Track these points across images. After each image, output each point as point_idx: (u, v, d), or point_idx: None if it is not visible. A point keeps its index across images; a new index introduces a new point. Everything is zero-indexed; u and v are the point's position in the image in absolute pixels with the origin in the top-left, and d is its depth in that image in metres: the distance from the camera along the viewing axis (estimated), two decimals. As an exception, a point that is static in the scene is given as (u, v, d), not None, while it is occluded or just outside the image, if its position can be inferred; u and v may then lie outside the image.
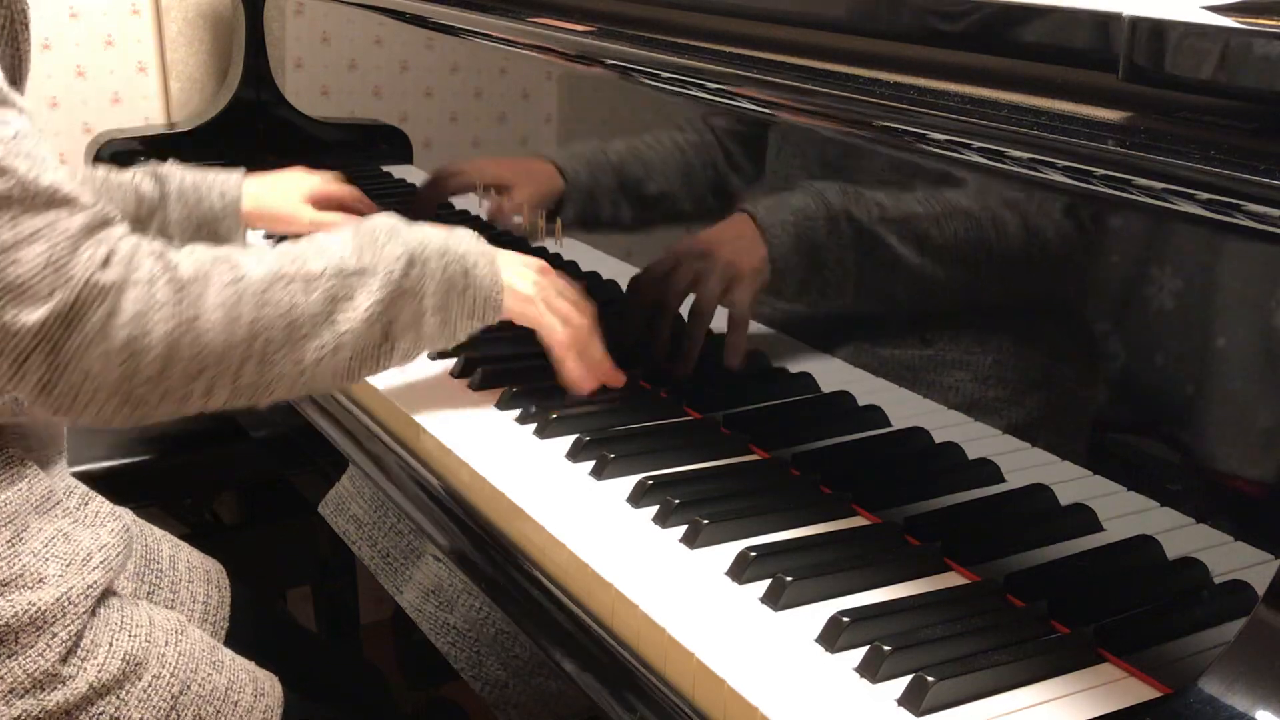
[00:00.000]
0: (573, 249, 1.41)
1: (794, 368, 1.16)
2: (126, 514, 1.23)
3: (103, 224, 0.96)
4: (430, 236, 1.13)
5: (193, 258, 0.99)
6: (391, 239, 1.10)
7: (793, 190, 1.11)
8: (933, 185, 0.99)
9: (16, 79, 0.99)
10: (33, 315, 0.91)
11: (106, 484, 1.23)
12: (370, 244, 1.09)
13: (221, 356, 0.98)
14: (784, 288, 1.14)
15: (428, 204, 1.63)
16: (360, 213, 1.54)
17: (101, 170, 1.46)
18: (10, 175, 0.92)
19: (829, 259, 1.09)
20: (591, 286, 1.38)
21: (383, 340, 1.08)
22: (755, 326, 1.19)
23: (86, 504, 1.14)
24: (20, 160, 0.93)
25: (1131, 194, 0.83)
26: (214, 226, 1.50)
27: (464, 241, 1.15)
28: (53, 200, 0.94)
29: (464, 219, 1.62)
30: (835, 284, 1.10)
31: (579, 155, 1.38)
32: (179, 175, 1.48)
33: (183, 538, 1.38)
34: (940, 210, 0.99)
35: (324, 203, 1.56)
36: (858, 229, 1.06)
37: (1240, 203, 0.76)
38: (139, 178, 1.47)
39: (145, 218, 1.48)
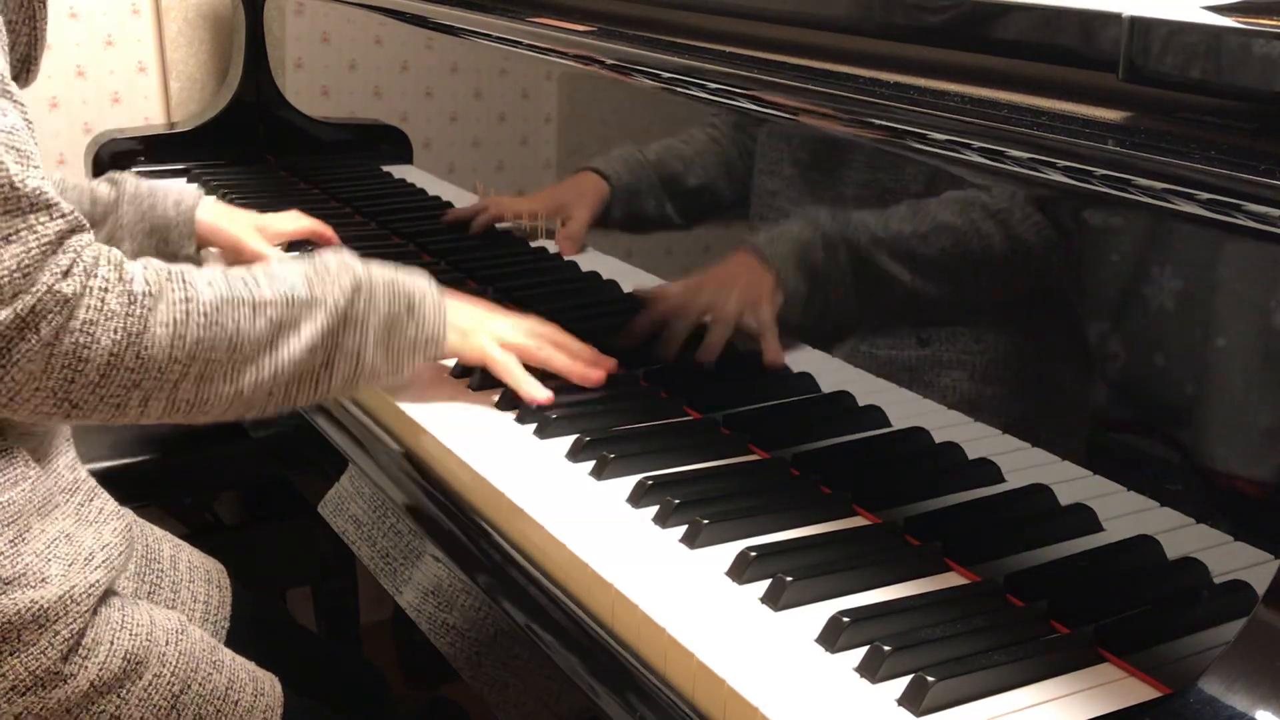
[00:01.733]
0: (573, 250, 1.41)
1: (794, 368, 1.16)
2: (129, 514, 1.23)
3: (74, 231, 0.96)
4: (380, 272, 1.15)
5: (147, 272, 1.00)
6: (342, 271, 1.12)
7: (790, 218, 1.11)
8: (933, 186, 0.99)
9: (32, 56, 1.00)
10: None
11: (107, 484, 1.23)
12: (322, 275, 1.10)
13: (162, 372, 0.99)
14: (792, 310, 1.14)
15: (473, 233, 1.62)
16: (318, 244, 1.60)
17: (59, 174, 1.48)
18: (0, 170, 0.92)
19: (832, 273, 1.09)
20: (592, 287, 1.38)
21: (322, 368, 1.09)
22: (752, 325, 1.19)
23: (91, 500, 1.15)
24: (9, 156, 0.93)
25: (1131, 194, 0.83)
26: (165, 233, 1.53)
27: (414, 281, 1.17)
28: (35, 204, 0.94)
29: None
30: (839, 293, 1.10)
31: (616, 158, 1.37)
32: (135, 181, 1.51)
33: (183, 538, 1.38)
34: (941, 211, 0.99)
35: (276, 239, 1.61)
36: (857, 235, 1.06)
37: (1240, 203, 0.76)
38: (96, 183, 1.50)
39: (99, 219, 1.50)
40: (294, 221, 1.65)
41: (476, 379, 1.27)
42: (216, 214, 1.56)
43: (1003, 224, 0.94)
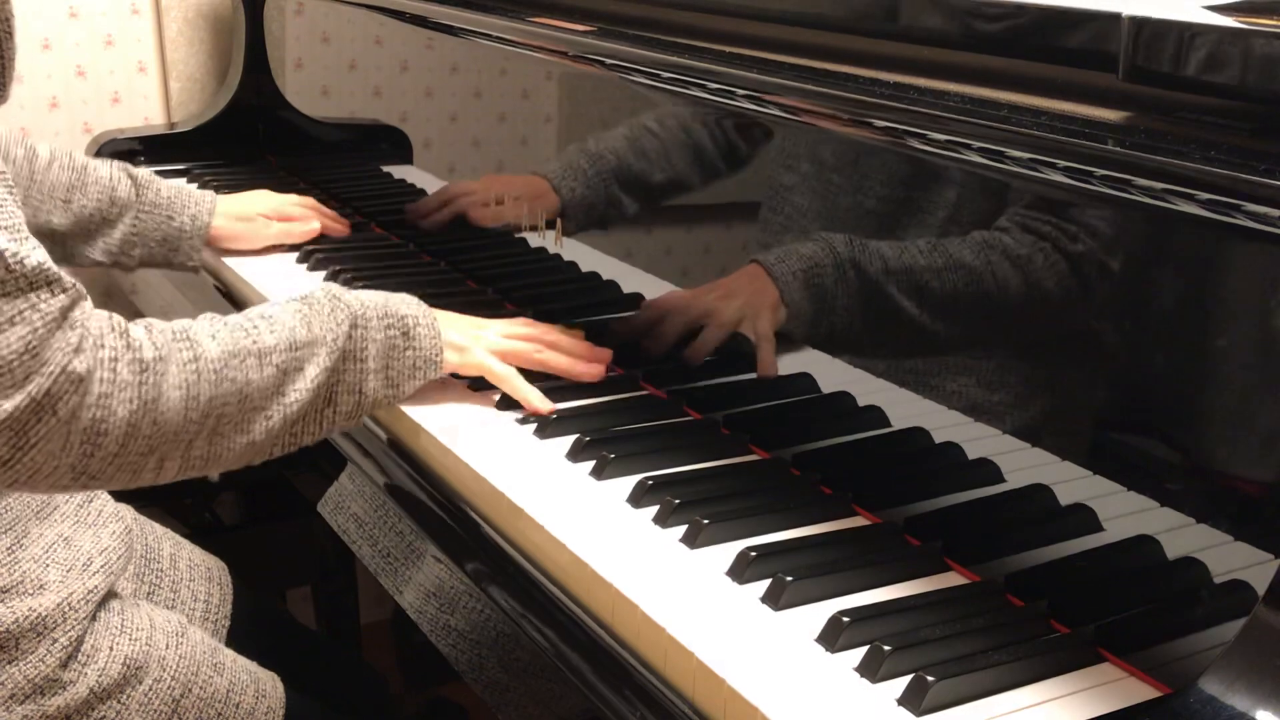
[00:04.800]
0: (573, 250, 1.41)
1: (794, 368, 1.16)
2: (128, 513, 1.23)
3: (76, 303, 0.92)
4: (371, 301, 1.15)
5: (152, 337, 0.98)
6: (335, 307, 1.11)
7: (797, 225, 1.12)
8: (933, 187, 0.99)
9: (1, 83, 0.97)
10: (5, 402, 0.87)
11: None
12: (318, 312, 1.10)
13: (177, 434, 0.98)
14: (798, 328, 1.15)
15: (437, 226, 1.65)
16: (325, 224, 1.66)
17: (82, 158, 1.48)
18: None
19: (838, 283, 1.09)
20: (592, 287, 1.38)
21: (326, 405, 1.09)
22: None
23: (90, 501, 1.14)
24: (3, 236, 0.87)
25: (1131, 194, 0.83)
26: (176, 244, 1.57)
27: (405, 305, 1.17)
28: (35, 281, 0.89)
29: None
30: (844, 302, 1.10)
31: (571, 169, 1.38)
32: (155, 185, 1.52)
33: (183, 537, 1.38)
34: (940, 212, 0.99)
35: (282, 220, 1.67)
36: (862, 248, 1.06)
37: (1240, 203, 0.76)
38: (118, 176, 1.50)
39: (115, 219, 1.50)
40: (298, 208, 1.69)
41: (476, 379, 1.26)
42: (228, 223, 1.61)
43: (1003, 226, 0.94)
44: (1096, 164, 0.84)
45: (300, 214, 1.69)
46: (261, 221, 1.64)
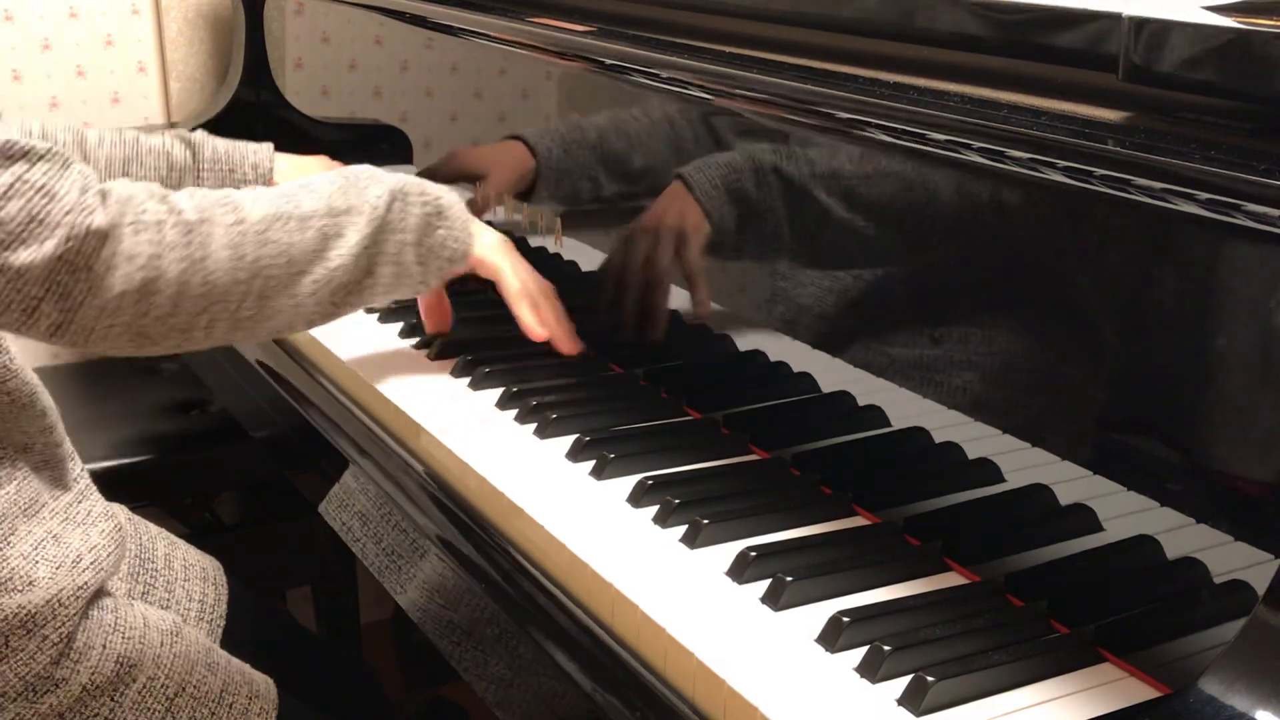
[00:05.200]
0: (572, 250, 1.41)
1: (794, 368, 1.16)
2: (121, 512, 1.23)
3: (65, 165, 0.97)
4: (409, 179, 1.20)
5: (194, 200, 1.03)
6: (373, 181, 1.17)
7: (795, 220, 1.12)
8: (932, 186, 0.99)
9: None
10: (33, 261, 0.93)
11: (105, 484, 1.23)
12: (355, 186, 1.15)
13: (226, 292, 1.03)
14: (798, 308, 1.14)
15: None
16: None
17: (131, 133, 1.48)
18: None
19: (837, 273, 1.09)
20: (591, 286, 1.38)
21: (367, 274, 1.14)
22: (754, 325, 1.19)
23: (80, 501, 1.14)
24: None
25: (1131, 194, 0.83)
26: None
27: (439, 188, 1.22)
28: (10, 155, 0.94)
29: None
30: (845, 293, 1.10)
31: (550, 133, 1.39)
32: (210, 143, 1.51)
33: (183, 538, 1.38)
34: (939, 211, 0.99)
35: None
36: (864, 235, 1.06)
37: (1240, 203, 0.76)
38: (170, 142, 1.49)
39: (176, 183, 1.49)
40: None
41: (477, 378, 1.27)
42: (289, 174, 1.56)
43: (1003, 225, 0.94)
44: (1096, 164, 0.84)
45: None
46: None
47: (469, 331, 1.37)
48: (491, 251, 1.26)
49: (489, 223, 1.35)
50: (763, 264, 1.17)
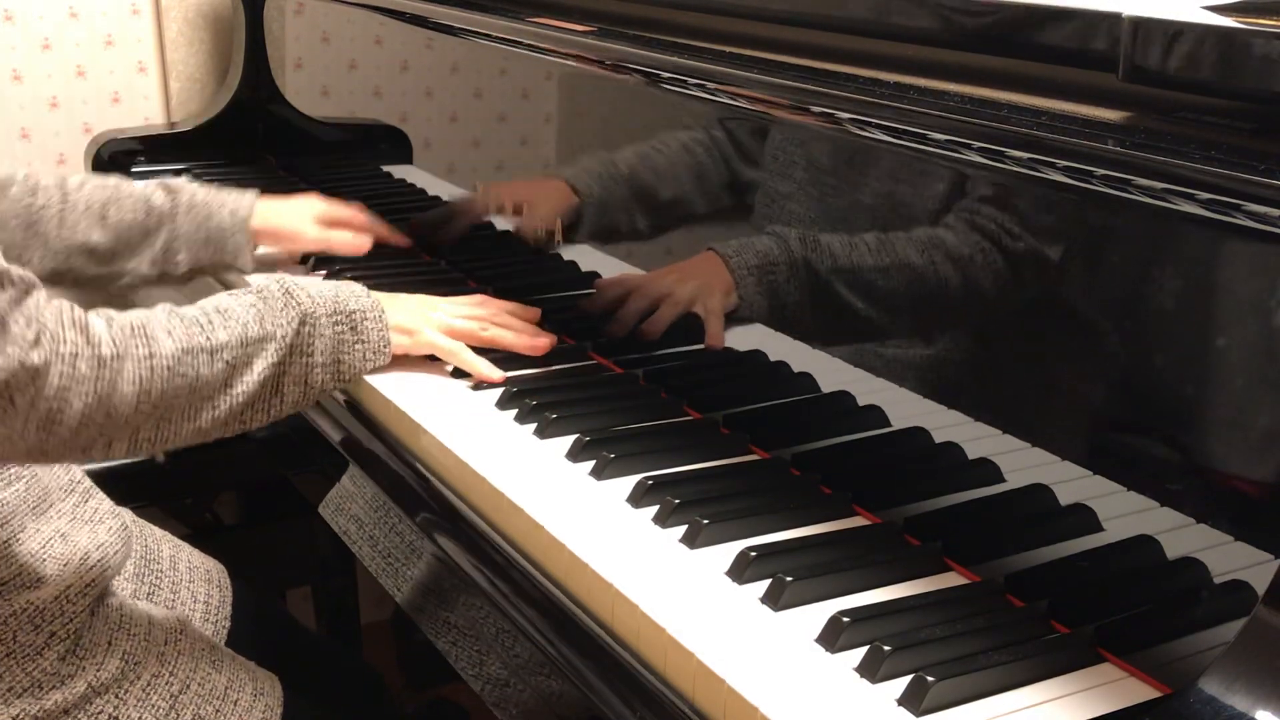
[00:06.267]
0: (572, 250, 1.41)
1: (794, 368, 1.16)
2: (126, 514, 1.23)
3: (26, 293, 0.97)
4: (321, 297, 1.20)
5: (111, 332, 1.03)
6: (287, 303, 1.17)
7: (794, 220, 1.12)
8: (932, 187, 0.99)
9: None
10: None
11: (106, 484, 1.23)
12: (270, 309, 1.16)
13: (128, 422, 1.04)
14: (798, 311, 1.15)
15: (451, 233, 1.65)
16: (368, 232, 1.59)
17: (114, 179, 1.48)
18: None
19: (836, 278, 1.09)
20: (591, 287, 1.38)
21: (273, 395, 1.16)
22: (755, 325, 1.19)
23: (87, 500, 1.15)
24: None
25: (1131, 194, 0.83)
26: (220, 243, 1.55)
27: (354, 298, 1.23)
28: None
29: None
30: (844, 297, 1.10)
31: (589, 169, 1.38)
32: (190, 189, 1.52)
33: (183, 538, 1.38)
34: (940, 211, 0.99)
35: (331, 224, 1.60)
36: (858, 239, 1.06)
37: (1240, 203, 0.76)
38: (151, 189, 1.50)
39: (154, 228, 1.50)
40: (346, 208, 1.63)
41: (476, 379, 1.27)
42: (270, 217, 1.57)
43: (1003, 225, 0.94)
44: (1096, 164, 0.84)
45: (349, 216, 1.62)
46: (304, 223, 1.59)
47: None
48: (416, 340, 1.27)
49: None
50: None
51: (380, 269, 1.58)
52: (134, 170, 2.05)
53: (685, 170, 1.24)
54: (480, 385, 1.26)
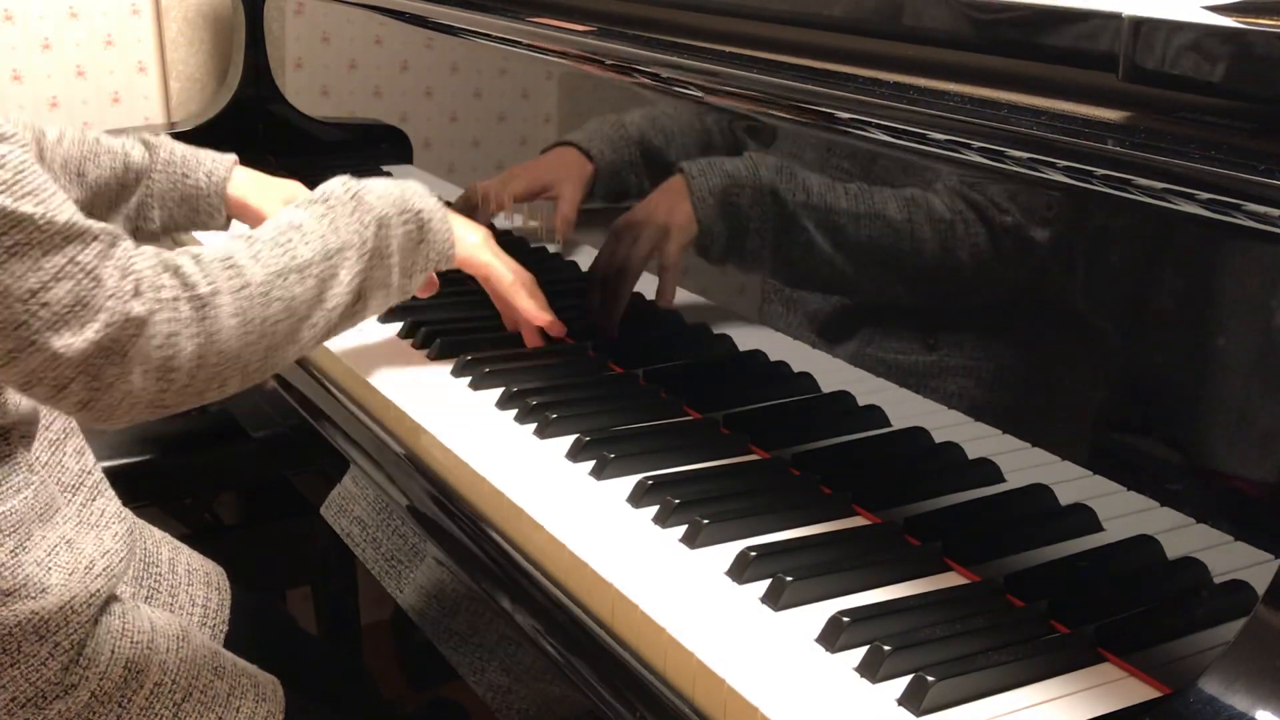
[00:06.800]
0: (572, 249, 1.41)
1: (794, 368, 1.16)
2: (129, 516, 1.23)
3: (112, 244, 0.97)
4: (388, 197, 1.21)
5: (200, 269, 1.02)
6: (358, 207, 1.17)
7: (795, 221, 1.11)
8: (932, 186, 0.99)
9: None
10: (72, 346, 0.92)
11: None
12: (341, 215, 1.16)
13: (238, 357, 1.04)
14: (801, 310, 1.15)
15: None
16: None
17: (93, 133, 1.46)
18: (24, 223, 0.90)
19: (836, 277, 1.09)
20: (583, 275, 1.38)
21: (359, 301, 1.17)
22: (755, 325, 1.19)
23: (93, 500, 1.14)
24: (27, 202, 0.91)
25: (1131, 194, 0.83)
26: (195, 203, 1.51)
27: (418, 198, 1.24)
28: (69, 235, 0.93)
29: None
30: (842, 296, 1.10)
31: (595, 133, 1.38)
32: (169, 146, 1.49)
33: (182, 539, 1.38)
34: (939, 213, 0.99)
35: None
36: (858, 239, 1.06)
37: (1240, 203, 0.76)
38: (130, 144, 1.47)
39: (131, 183, 1.48)
40: None
41: (477, 378, 1.27)
42: (246, 189, 1.52)
43: (1002, 225, 0.94)
44: (1096, 164, 0.84)
45: None
46: (276, 205, 1.53)
47: (444, 313, 1.42)
48: (477, 251, 1.29)
49: (491, 226, 1.35)
50: (762, 266, 1.17)
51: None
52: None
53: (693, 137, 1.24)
54: (480, 385, 1.26)
